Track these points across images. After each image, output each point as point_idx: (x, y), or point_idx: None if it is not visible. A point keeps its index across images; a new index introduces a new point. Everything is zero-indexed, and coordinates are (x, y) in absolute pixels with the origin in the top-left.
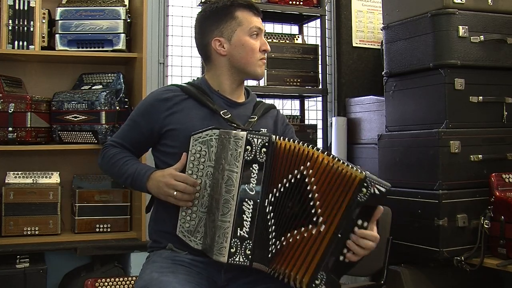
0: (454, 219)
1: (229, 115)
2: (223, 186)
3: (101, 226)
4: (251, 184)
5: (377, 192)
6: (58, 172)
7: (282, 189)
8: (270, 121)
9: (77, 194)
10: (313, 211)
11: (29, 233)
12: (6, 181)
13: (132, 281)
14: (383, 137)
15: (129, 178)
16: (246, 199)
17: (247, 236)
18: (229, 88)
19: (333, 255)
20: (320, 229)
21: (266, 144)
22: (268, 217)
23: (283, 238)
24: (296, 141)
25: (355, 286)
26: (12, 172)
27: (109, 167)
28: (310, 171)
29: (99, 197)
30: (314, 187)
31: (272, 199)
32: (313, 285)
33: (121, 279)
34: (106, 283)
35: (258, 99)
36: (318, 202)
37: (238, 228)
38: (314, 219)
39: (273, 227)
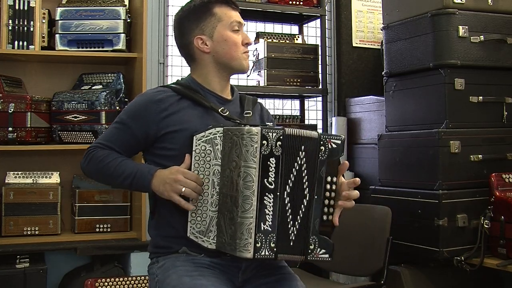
0: (454, 219)
1: (227, 112)
2: (241, 182)
3: (101, 226)
4: (269, 178)
5: (334, 146)
6: (58, 172)
7: (293, 178)
8: (257, 116)
9: (77, 194)
10: (304, 186)
11: (29, 233)
12: (6, 181)
13: (132, 281)
14: (383, 137)
15: (128, 178)
16: (267, 193)
17: (270, 229)
18: (218, 86)
19: (317, 217)
20: (306, 198)
21: (281, 137)
22: (287, 207)
23: (296, 223)
24: (301, 130)
25: (355, 286)
26: (12, 172)
27: (100, 169)
28: (304, 153)
29: (99, 197)
30: (304, 165)
31: (288, 190)
32: (309, 251)
33: (121, 279)
34: (106, 283)
35: (240, 93)
36: (306, 177)
37: (261, 223)
38: (305, 192)
39: (291, 216)
